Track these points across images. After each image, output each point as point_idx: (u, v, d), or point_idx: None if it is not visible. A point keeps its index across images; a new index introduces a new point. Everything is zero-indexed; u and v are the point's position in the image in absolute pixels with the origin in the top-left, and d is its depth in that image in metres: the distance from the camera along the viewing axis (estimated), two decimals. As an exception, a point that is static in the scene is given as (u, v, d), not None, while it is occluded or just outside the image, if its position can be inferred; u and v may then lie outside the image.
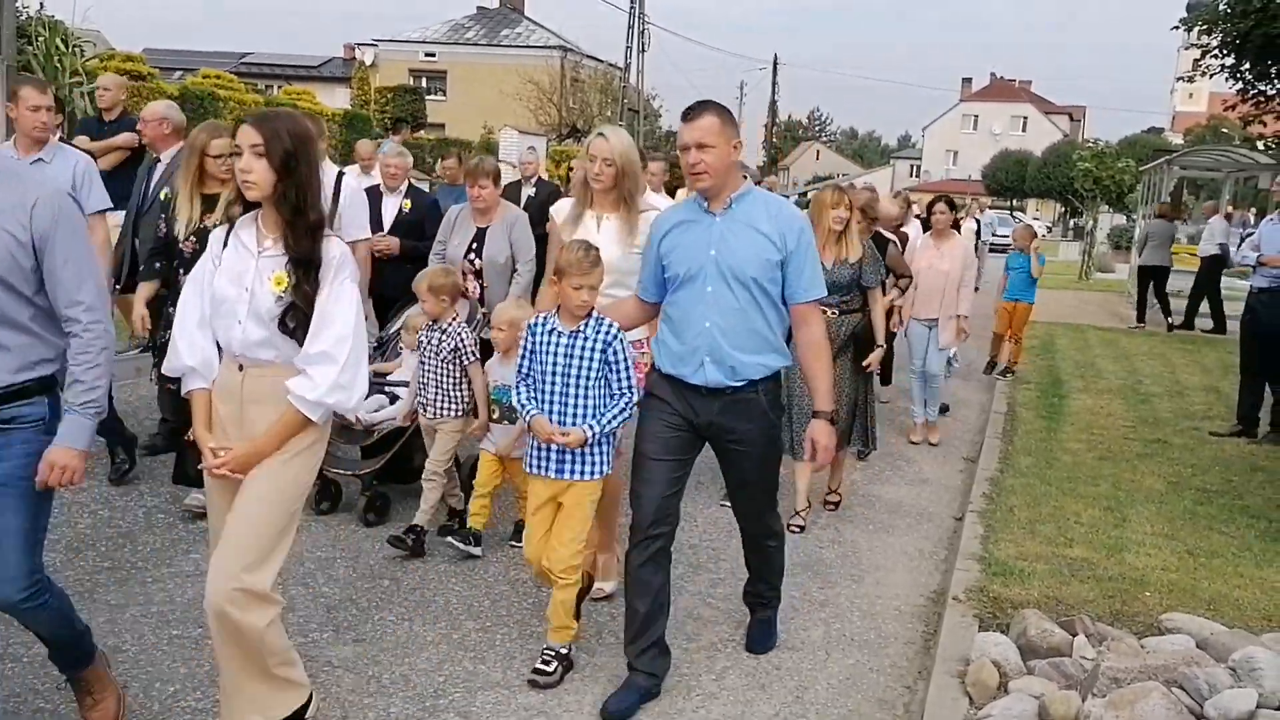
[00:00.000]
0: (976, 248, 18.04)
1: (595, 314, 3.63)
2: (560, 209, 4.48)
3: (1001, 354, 10.49)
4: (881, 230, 7.07)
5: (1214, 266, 14.33)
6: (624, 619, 3.65)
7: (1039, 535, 5.20)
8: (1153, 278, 15.06)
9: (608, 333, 3.60)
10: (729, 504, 5.56)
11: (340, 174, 5.69)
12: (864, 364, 5.74)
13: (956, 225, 9.09)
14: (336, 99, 36.25)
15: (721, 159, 3.43)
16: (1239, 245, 9.76)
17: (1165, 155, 18.70)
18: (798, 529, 5.44)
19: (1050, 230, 54.33)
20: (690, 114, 3.46)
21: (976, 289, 13.62)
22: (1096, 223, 26.58)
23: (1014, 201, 59.95)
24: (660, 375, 3.63)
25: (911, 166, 79.25)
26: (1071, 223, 48.52)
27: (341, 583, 4.41)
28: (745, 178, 3.65)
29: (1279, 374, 7.80)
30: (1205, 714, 3.29)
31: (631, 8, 33.73)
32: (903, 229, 8.63)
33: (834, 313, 5.39)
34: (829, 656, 4.07)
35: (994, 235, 26.69)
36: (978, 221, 19.01)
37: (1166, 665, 3.51)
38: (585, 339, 3.60)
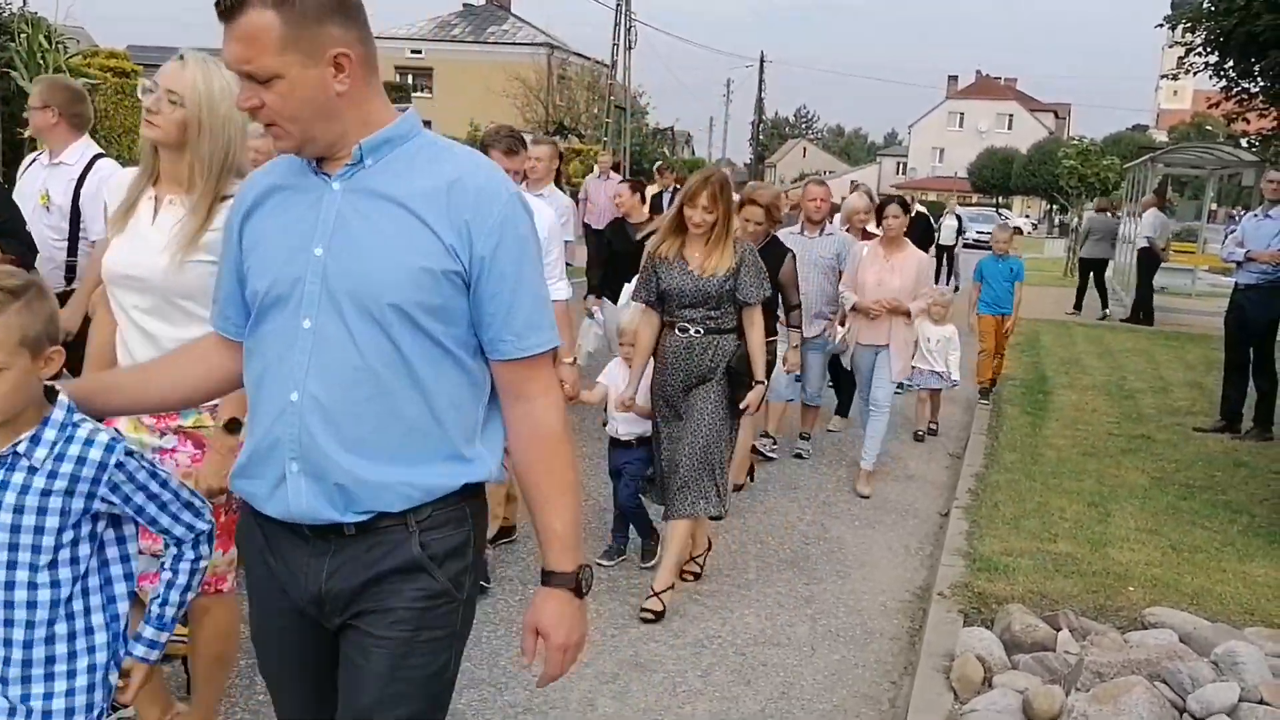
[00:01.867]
0: (955, 246, 18.10)
1: (69, 406, 1.82)
2: (120, 184, 2.81)
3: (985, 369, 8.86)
4: (780, 236, 5.90)
5: (1142, 259, 14.84)
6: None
7: (1024, 531, 5.22)
8: (1093, 269, 15.83)
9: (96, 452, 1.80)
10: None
11: None
12: (740, 405, 4.42)
13: (928, 237, 8.76)
14: (322, 96, 36.07)
15: (300, 88, 1.67)
16: (1224, 240, 9.83)
17: (1150, 153, 18.80)
18: (651, 616, 4.21)
19: (1036, 227, 54.57)
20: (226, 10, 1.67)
21: (956, 288, 13.64)
22: (1082, 220, 26.69)
23: (999, 199, 60.18)
24: (244, 510, 1.92)
25: (898, 164, 79.44)
26: (1057, 220, 48.74)
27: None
28: (405, 110, 1.83)
29: (1263, 368, 7.86)
30: (1188, 708, 3.31)
31: (618, 5, 33.67)
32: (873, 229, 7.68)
33: (697, 331, 4.30)
34: (815, 652, 4.08)
35: (978, 233, 26.77)
36: (959, 218, 19.09)
37: (1149, 659, 3.54)
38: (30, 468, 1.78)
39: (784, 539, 5.26)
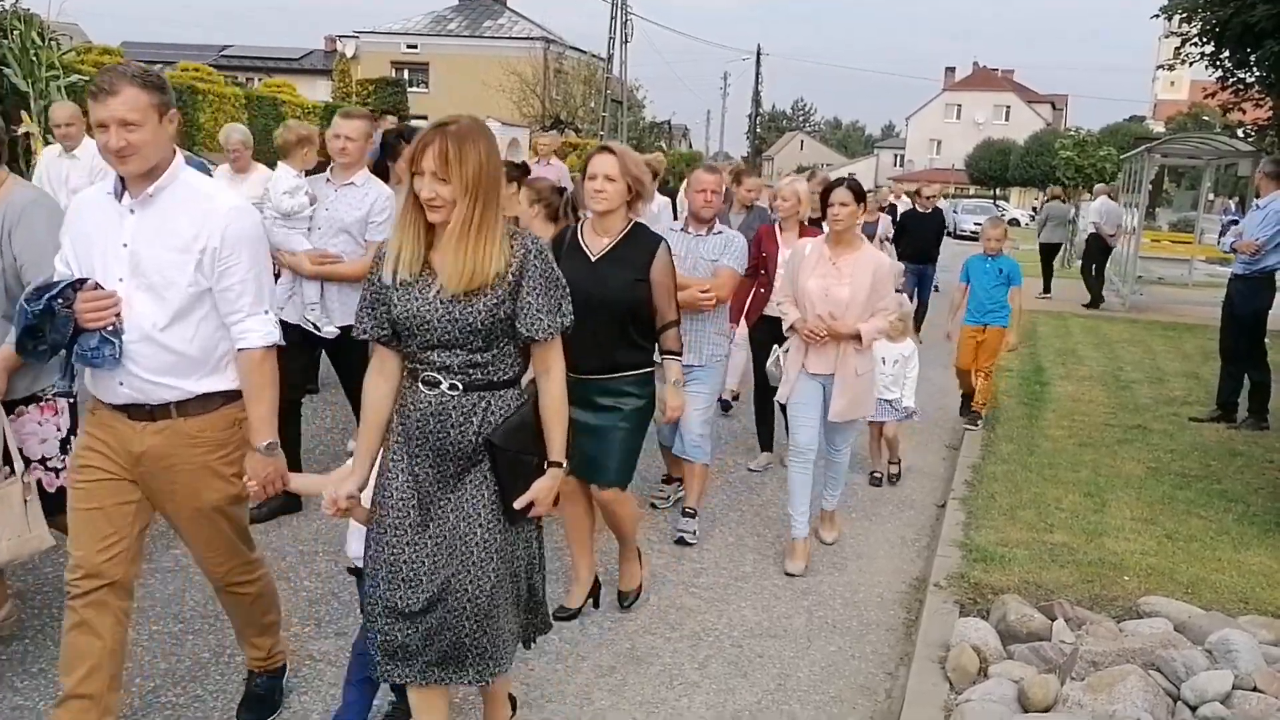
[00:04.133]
0: (939, 236, 18.07)
1: None
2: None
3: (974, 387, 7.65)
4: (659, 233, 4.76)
5: (1091, 244, 15.76)
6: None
7: (1020, 521, 5.23)
8: (1052, 253, 16.98)
9: None
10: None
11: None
12: (519, 507, 2.68)
13: (939, 238, 7.97)
14: (317, 91, 36.08)
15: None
16: (1221, 233, 9.86)
17: (1146, 143, 18.76)
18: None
19: (1033, 218, 54.56)
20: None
21: (936, 288, 13.33)
22: (1079, 210, 26.71)
23: (997, 190, 60.14)
24: None
25: (895, 156, 79.36)
26: (1054, 211, 48.66)
27: (323, 577, 4.40)
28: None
29: (1254, 359, 7.89)
30: (1182, 696, 3.33)
31: (614, -2, 33.65)
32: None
33: (453, 386, 2.62)
34: (811, 644, 4.09)
35: (976, 225, 26.74)
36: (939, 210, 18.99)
37: (1144, 648, 3.55)
38: None
39: (780, 531, 5.26)
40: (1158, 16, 15.08)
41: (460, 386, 2.63)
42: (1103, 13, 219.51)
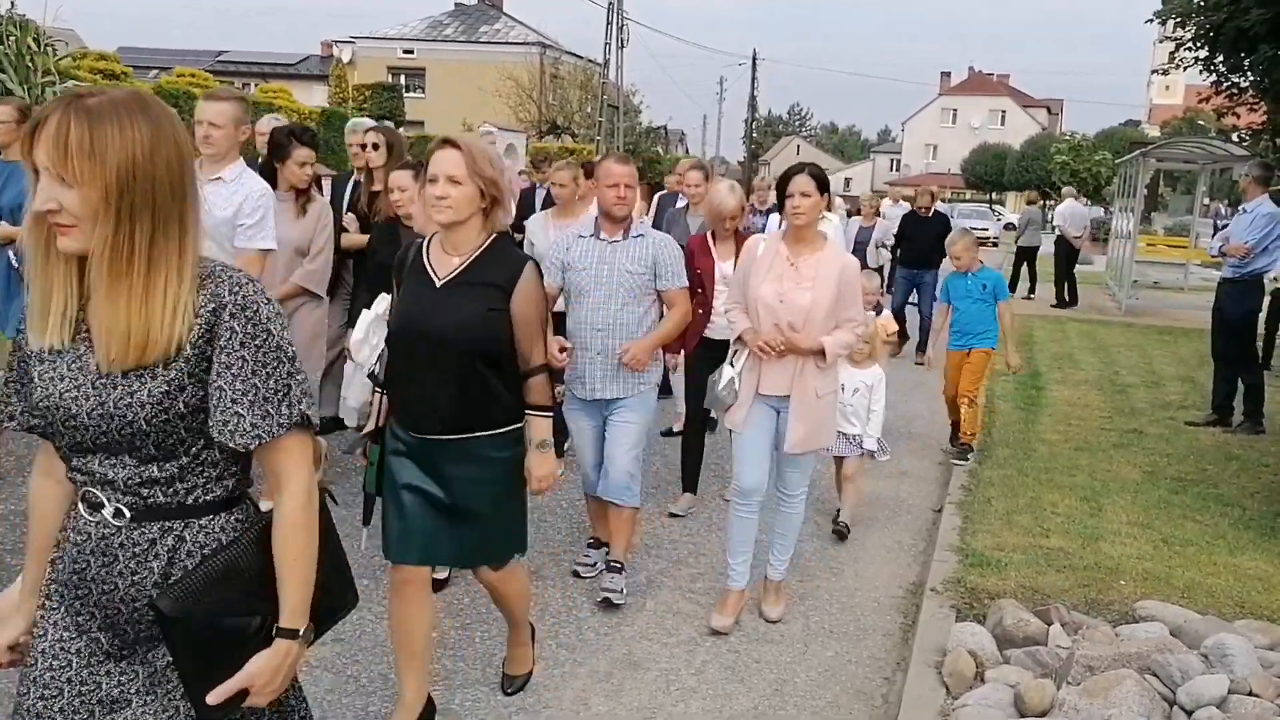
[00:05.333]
0: (941, 241, 18.11)
1: None
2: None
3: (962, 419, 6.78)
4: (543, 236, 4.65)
5: (1059, 247, 16.33)
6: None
7: (1016, 526, 5.24)
8: (1027, 256, 17.21)
9: None
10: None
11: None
12: (214, 703, 1.70)
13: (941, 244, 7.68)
14: (314, 97, 36.05)
15: None
16: (1213, 235, 9.93)
17: (1141, 148, 18.82)
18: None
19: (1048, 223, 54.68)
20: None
21: (936, 298, 13.31)
22: (1049, 215, 26.80)
23: (993, 195, 60.27)
24: None
25: (892, 160, 79.52)
26: (1050, 215, 48.86)
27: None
28: None
29: (1243, 362, 7.94)
30: (1178, 700, 3.33)
31: (610, 4, 33.66)
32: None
33: (117, 514, 1.72)
34: (808, 649, 4.09)
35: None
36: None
37: (1140, 653, 3.56)
38: None
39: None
40: (1152, 21, 15.08)
41: (128, 513, 1.72)
42: (1098, 18, 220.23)
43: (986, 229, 34.89)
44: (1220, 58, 12.68)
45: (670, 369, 5.59)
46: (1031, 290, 16.97)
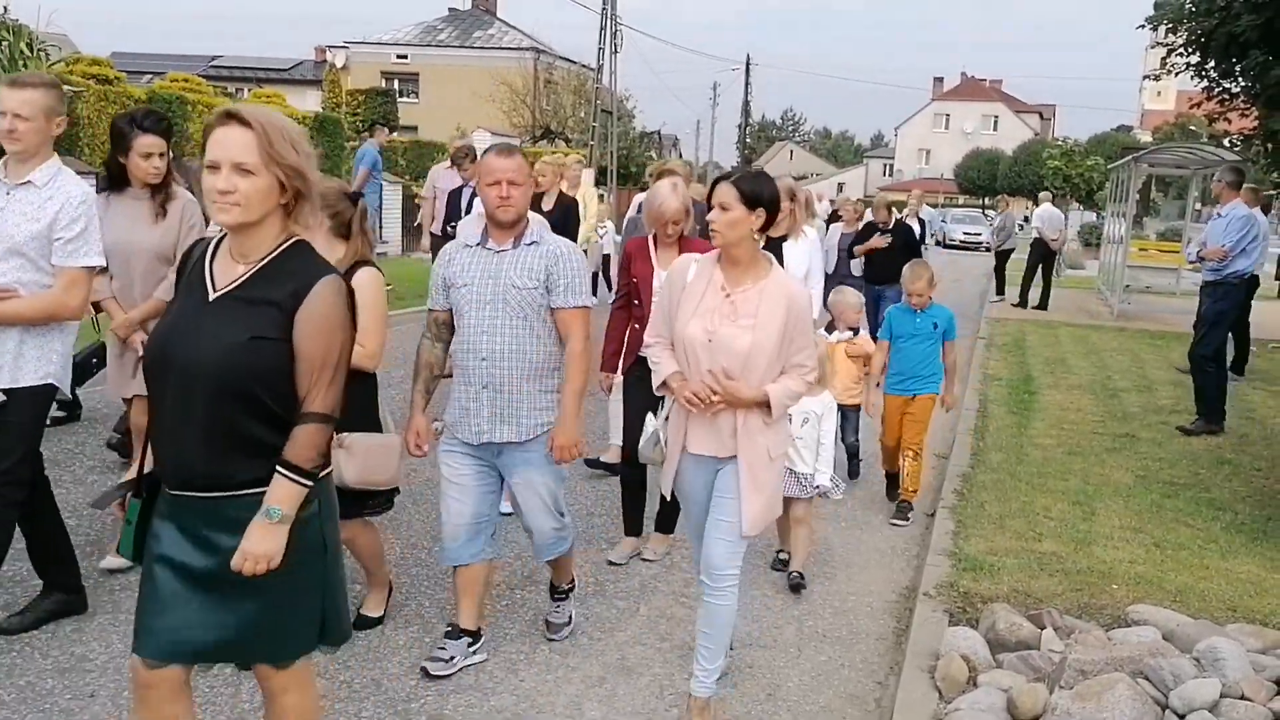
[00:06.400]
0: (920, 242, 18.05)
1: None
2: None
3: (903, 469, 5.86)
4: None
5: (1035, 249, 16.76)
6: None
7: (1009, 530, 5.25)
8: (1005, 259, 18.16)
9: None
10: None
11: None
12: None
13: (912, 252, 7.58)
14: (307, 102, 36.03)
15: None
16: (1189, 242, 10.06)
17: (1133, 153, 18.89)
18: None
19: (1022, 228, 54.83)
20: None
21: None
22: (1067, 220, 26.87)
23: (985, 200, 60.41)
24: None
25: (885, 166, 79.70)
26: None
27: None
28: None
29: (1229, 362, 8.08)
30: (1170, 704, 3.34)
31: (604, 9, 33.68)
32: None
33: None
34: (801, 653, 4.09)
35: (965, 235, 26.81)
36: (921, 222, 18.96)
37: (1132, 657, 3.56)
38: None
39: (772, 541, 5.26)
40: (1143, 27, 15.14)
41: None
42: (1090, 24, 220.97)
43: (979, 234, 35.00)
44: (1211, 63, 12.74)
45: (604, 391, 5.00)
46: (1000, 294, 17.70)
